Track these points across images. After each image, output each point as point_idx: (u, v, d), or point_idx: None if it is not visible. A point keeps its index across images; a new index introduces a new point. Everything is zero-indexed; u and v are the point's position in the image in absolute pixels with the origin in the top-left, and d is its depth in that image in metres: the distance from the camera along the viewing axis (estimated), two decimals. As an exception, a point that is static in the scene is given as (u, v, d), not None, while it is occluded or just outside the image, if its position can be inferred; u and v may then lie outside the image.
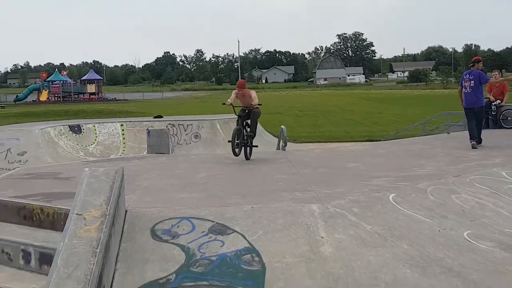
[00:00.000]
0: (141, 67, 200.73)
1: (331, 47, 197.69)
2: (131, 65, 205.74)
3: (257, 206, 8.04)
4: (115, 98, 79.34)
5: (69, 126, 22.38)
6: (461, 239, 7.65)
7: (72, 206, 7.08)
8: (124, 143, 22.78)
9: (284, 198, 8.60)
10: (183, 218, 7.73)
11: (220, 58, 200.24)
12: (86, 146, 21.67)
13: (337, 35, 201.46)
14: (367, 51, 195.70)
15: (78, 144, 21.58)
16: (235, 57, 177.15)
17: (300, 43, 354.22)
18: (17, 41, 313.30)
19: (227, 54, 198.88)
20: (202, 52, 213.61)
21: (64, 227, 6.75)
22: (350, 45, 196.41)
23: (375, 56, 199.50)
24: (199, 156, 16.92)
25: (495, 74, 18.98)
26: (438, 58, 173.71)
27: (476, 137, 14.50)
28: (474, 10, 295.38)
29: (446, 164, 11.61)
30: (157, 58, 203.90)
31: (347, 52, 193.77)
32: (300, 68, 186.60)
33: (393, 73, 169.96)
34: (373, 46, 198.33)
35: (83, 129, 22.38)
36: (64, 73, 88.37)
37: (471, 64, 14.80)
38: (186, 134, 22.96)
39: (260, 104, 13.29)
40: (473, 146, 14.19)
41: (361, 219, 7.76)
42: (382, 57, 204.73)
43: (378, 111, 45.17)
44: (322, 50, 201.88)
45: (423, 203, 8.53)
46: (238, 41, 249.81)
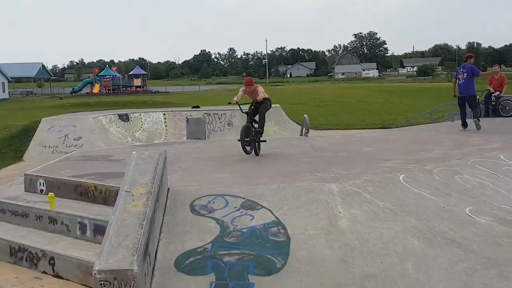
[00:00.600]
0: (181, 63, 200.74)
1: (348, 45, 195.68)
2: (172, 62, 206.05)
3: (283, 185, 8.07)
4: (158, 91, 79.37)
5: (118, 115, 22.50)
6: (463, 215, 7.63)
7: (122, 184, 7.17)
8: (166, 130, 22.83)
9: (307, 178, 8.60)
10: (218, 195, 7.78)
11: (250, 56, 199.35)
12: (133, 133, 21.78)
13: (354, 35, 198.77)
14: (380, 49, 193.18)
15: (126, 131, 21.69)
16: (263, 55, 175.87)
17: (321, 42, 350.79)
18: (73, 41, 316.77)
19: (256, 52, 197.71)
20: (234, 50, 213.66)
21: (115, 203, 6.84)
22: (365, 43, 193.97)
23: (387, 53, 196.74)
24: (232, 142, 16.90)
25: (495, 68, 18.92)
26: (444, 55, 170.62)
27: (467, 126, 15.20)
28: (476, 11, 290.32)
29: (451, 149, 11.51)
30: (195, 56, 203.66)
31: (363, 50, 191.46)
32: (321, 64, 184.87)
33: (404, 68, 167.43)
34: (386, 44, 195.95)
35: (131, 118, 22.47)
36: (114, 69, 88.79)
37: (465, 60, 15.46)
38: (220, 122, 22.93)
39: (268, 98, 11.47)
40: (463, 129, 15.13)
41: (375, 197, 7.75)
42: (394, 54, 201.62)
43: (390, 102, 44.69)
44: (340, 48, 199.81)
45: (430, 183, 8.49)
46: (266, 40, 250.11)
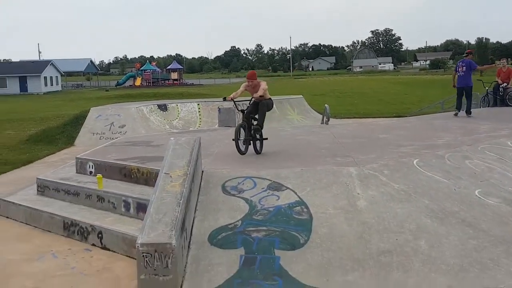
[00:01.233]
0: (213, 59, 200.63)
1: (366, 41, 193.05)
2: (205, 57, 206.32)
3: (306, 169, 8.04)
4: (193, 83, 79.54)
5: (158, 105, 22.59)
6: (473, 196, 7.53)
7: (161, 167, 7.23)
8: (200, 119, 22.87)
9: (327, 162, 8.57)
10: (247, 177, 7.80)
11: (276, 51, 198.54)
12: (171, 121, 21.86)
13: (371, 31, 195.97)
14: (396, 44, 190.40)
15: (165, 119, 21.78)
16: (288, 50, 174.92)
17: (341, 38, 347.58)
18: (118, 39, 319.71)
19: (281, 48, 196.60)
20: (261, 46, 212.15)
21: (155, 183, 6.91)
22: (382, 39, 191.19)
23: (402, 48, 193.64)
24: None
25: (503, 61, 18.63)
26: (455, 49, 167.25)
27: (460, 110, 15.49)
28: (485, 8, 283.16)
29: (461, 136, 11.33)
30: (225, 51, 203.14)
31: (379, 45, 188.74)
32: (340, 58, 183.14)
33: (417, 62, 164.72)
34: (400, 40, 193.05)
35: (168, 108, 22.54)
36: (154, 64, 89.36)
37: (465, 55, 15.64)
38: (249, 111, 22.89)
39: (270, 98, 10.00)
40: (455, 115, 15.36)
41: (390, 179, 7.69)
42: (408, 49, 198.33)
43: (404, 93, 44.03)
44: (359, 44, 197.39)
45: (442, 167, 8.38)
46: (290, 37, 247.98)
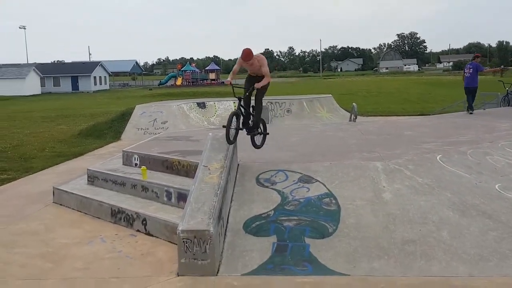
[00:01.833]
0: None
1: (392, 44, 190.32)
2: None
3: (334, 163, 8.00)
4: (229, 83, 79.88)
5: (197, 103, 22.73)
6: (493, 190, 7.37)
7: (200, 160, 7.29)
8: (236, 116, 22.99)
9: (355, 157, 8.49)
10: (279, 170, 7.80)
11: (306, 53, 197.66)
12: (209, 118, 21.97)
13: (397, 34, 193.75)
14: (420, 46, 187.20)
15: (203, 116, 21.91)
16: (318, 52, 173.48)
17: (368, 41, 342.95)
18: (161, 42, 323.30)
19: (312, 50, 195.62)
20: (293, 49, 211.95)
21: (195, 175, 6.97)
22: (407, 42, 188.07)
23: (426, 50, 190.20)
24: (291, 126, 16.92)
25: None
26: (477, 52, 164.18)
27: (473, 108, 15.61)
28: (507, 13, 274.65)
29: (482, 133, 11.06)
30: (259, 54, 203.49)
31: (404, 48, 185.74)
32: (367, 60, 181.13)
33: (440, 63, 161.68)
34: (425, 43, 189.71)
35: (207, 105, 22.65)
36: (193, 65, 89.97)
37: (473, 58, 15.76)
38: (281, 109, 22.79)
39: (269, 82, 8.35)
40: (470, 113, 15.38)
41: (415, 174, 7.58)
42: (432, 51, 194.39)
43: (428, 93, 43.24)
44: (385, 46, 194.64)
45: (464, 162, 8.21)
46: (320, 40, 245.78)
